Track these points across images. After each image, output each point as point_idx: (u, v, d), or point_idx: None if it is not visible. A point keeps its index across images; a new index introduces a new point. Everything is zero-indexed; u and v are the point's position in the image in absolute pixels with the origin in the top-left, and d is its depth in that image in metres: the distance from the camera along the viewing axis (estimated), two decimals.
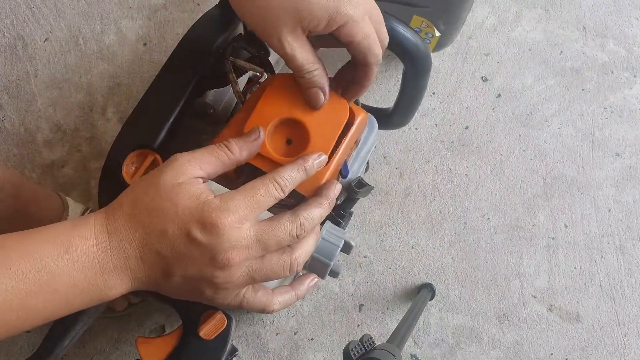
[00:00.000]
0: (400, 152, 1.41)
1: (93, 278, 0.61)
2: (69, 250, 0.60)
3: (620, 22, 1.54)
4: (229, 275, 0.64)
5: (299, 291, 0.74)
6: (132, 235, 0.62)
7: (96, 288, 0.61)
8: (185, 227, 0.62)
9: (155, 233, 0.62)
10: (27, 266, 0.58)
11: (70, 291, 0.60)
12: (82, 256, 0.60)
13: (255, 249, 0.64)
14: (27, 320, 0.60)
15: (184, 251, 0.62)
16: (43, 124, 1.39)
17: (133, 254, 0.62)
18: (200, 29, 0.89)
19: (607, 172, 1.42)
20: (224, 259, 0.62)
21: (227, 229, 0.61)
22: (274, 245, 0.65)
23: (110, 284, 0.62)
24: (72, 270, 0.60)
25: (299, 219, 0.67)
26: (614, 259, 1.36)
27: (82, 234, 0.62)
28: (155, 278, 0.64)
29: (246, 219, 0.63)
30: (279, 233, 0.65)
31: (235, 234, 0.62)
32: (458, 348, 1.30)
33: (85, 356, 1.26)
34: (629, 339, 1.32)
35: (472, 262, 1.35)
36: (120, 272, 0.62)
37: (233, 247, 0.62)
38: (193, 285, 0.65)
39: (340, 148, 0.79)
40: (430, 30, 1.24)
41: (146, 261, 0.62)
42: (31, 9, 1.47)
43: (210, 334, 0.85)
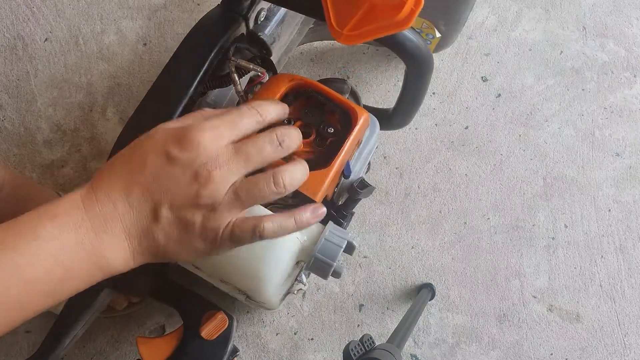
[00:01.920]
0: (400, 152, 1.41)
1: (86, 237, 0.60)
2: (56, 214, 0.60)
3: (620, 22, 1.54)
4: (213, 191, 0.63)
5: (299, 217, 0.71)
6: (116, 180, 0.62)
7: (92, 249, 0.60)
8: (163, 149, 0.62)
9: (137, 168, 0.62)
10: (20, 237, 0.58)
11: (67, 256, 0.59)
12: (70, 217, 0.60)
13: (236, 162, 0.64)
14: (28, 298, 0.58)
15: (166, 175, 0.62)
16: (43, 124, 1.39)
17: (120, 198, 0.62)
18: (203, 29, 0.90)
19: (607, 172, 1.42)
20: (204, 172, 0.62)
21: (204, 143, 0.62)
22: (256, 154, 0.65)
23: (105, 241, 0.61)
24: (64, 233, 0.59)
25: (277, 129, 0.68)
26: (614, 259, 1.36)
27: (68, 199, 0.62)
28: (146, 222, 0.63)
29: (223, 136, 0.64)
30: (258, 141, 0.66)
31: (214, 146, 0.62)
32: (458, 348, 1.30)
33: (85, 356, 1.26)
34: (629, 339, 1.32)
35: (472, 262, 1.35)
36: (112, 225, 0.61)
37: (212, 159, 0.62)
38: (183, 216, 0.63)
39: (343, 148, 0.79)
40: (431, 31, 1.25)
41: (132, 199, 0.62)
42: (31, 9, 1.47)
43: (212, 334, 0.85)
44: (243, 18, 0.92)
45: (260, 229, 0.66)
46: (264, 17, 0.98)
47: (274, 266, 0.81)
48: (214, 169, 0.62)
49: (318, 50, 1.46)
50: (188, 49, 0.87)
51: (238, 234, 0.66)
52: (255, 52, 0.92)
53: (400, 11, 0.69)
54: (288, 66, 1.43)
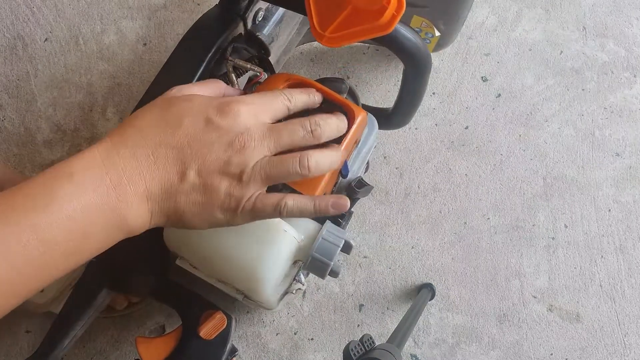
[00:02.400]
0: (400, 152, 1.41)
1: (106, 197, 0.59)
2: (73, 173, 0.59)
3: (620, 22, 1.54)
4: (243, 161, 0.65)
5: (319, 201, 0.72)
6: (143, 138, 0.62)
7: (112, 208, 0.60)
8: (203, 114, 0.64)
9: (170, 127, 0.63)
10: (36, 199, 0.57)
11: (85, 216, 0.58)
12: (88, 175, 0.59)
13: (268, 139, 0.66)
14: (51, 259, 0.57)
15: (201, 137, 0.63)
16: (43, 124, 1.39)
17: (147, 157, 0.62)
18: (201, 28, 0.90)
19: (607, 172, 1.42)
20: (240, 140, 0.64)
21: (243, 114, 0.65)
22: (287, 136, 0.68)
23: (126, 201, 0.60)
24: (82, 192, 0.58)
25: (314, 118, 0.71)
26: (614, 259, 1.36)
27: (85, 156, 0.61)
28: (170, 183, 0.63)
29: (260, 113, 0.67)
30: (289, 125, 0.69)
31: (251, 120, 0.66)
32: (458, 348, 1.30)
33: (85, 356, 1.26)
34: (629, 339, 1.32)
35: (472, 262, 1.35)
36: (134, 184, 0.61)
37: (248, 130, 0.65)
38: (208, 185, 0.64)
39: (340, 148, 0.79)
40: (430, 30, 1.25)
41: (159, 160, 0.62)
42: (31, 9, 1.47)
43: (210, 334, 0.85)
44: (241, 18, 0.92)
45: (282, 205, 0.69)
46: (262, 17, 0.98)
47: (271, 265, 0.81)
48: (248, 140, 0.64)
49: (318, 50, 1.46)
50: (186, 48, 0.87)
51: (260, 208, 0.68)
52: (253, 52, 0.92)
53: (382, 15, 0.70)
54: (288, 66, 1.43)
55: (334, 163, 0.74)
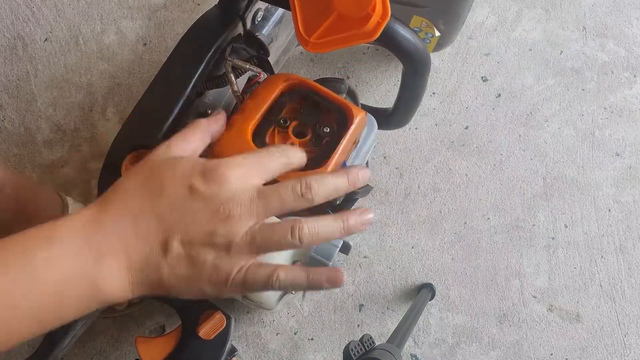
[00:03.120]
0: (400, 152, 1.41)
1: (84, 265, 0.56)
2: (54, 236, 0.56)
3: (620, 22, 1.54)
4: (230, 231, 0.59)
5: (312, 275, 0.66)
6: (126, 205, 0.59)
7: (89, 279, 0.56)
8: (187, 180, 0.59)
9: (151, 197, 0.59)
10: (11, 261, 0.54)
11: (61, 283, 0.55)
12: (69, 241, 0.56)
13: (256, 204, 0.61)
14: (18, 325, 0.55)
15: (184, 206, 0.59)
16: (43, 124, 1.40)
17: (128, 225, 0.58)
18: (200, 29, 0.90)
19: (607, 172, 1.42)
20: (225, 209, 0.59)
21: (230, 179, 0.59)
22: (277, 202, 0.62)
23: (105, 270, 0.57)
24: (61, 258, 0.55)
25: (306, 179, 0.64)
26: (614, 259, 1.36)
27: (68, 220, 0.58)
28: (153, 255, 0.59)
29: (250, 176, 0.61)
30: (281, 189, 0.62)
31: (237, 184, 0.60)
32: (458, 348, 1.30)
33: (85, 356, 1.26)
34: (629, 339, 1.32)
35: (472, 262, 1.35)
36: (114, 253, 0.57)
37: (234, 197, 0.59)
38: (194, 257, 0.60)
39: (339, 148, 0.79)
40: (430, 30, 1.25)
41: (141, 229, 0.58)
42: (31, 9, 1.48)
43: (210, 334, 0.85)
44: (240, 18, 0.92)
45: (273, 278, 0.63)
46: (261, 17, 0.98)
47: None
48: (234, 207, 0.59)
49: None
50: (185, 49, 0.87)
51: (251, 280, 0.62)
52: (252, 52, 0.92)
53: (367, 22, 0.70)
54: (288, 66, 1.43)
55: (334, 233, 0.68)
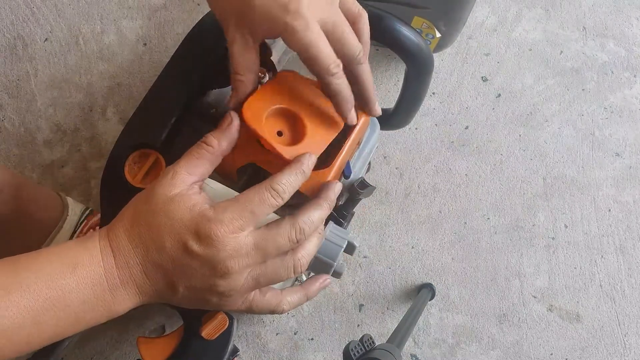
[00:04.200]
0: (400, 152, 1.41)
1: (101, 294, 0.62)
2: (77, 268, 0.61)
3: (620, 22, 1.54)
4: (231, 283, 0.64)
5: (309, 292, 0.75)
6: (133, 251, 0.63)
7: (105, 304, 0.62)
8: (182, 239, 0.62)
9: (154, 247, 0.63)
10: (38, 284, 0.59)
11: (80, 307, 0.61)
12: (89, 273, 0.61)
13: (254, 256, 0.64)
14: (38, 337, 0.60)
15: (184, 263, 0.62)
16: (43, 124, 1.39)
17: (137, 269, 0.63)
18: (203, 28, 0.89)
19: (607, 172, 1.42)
20: (223, 268, 0.62)
21: (222, 240, 0.62)
22: (274, 251, 0.65)
23: (119, 299, 0.63)
24: (82, 287, 0.61)
25: (298, 224, 0.67)
26: (614, 259, 1.36)
27: (88, 252, 0.63)
28: (162, 291, 0.65)
29: (241, 229, 0.63)
30: (278, 239, 0.65)
31: (232, 243, 0.62)
32: (458, 348, 1.30)
33: (85, 356, 1.26)
34: (629, 339, 1.32)
35: (472, 262, 1.35)
36: (127, 287, 0.63)
37: (231, 256, 0.62)
38: (199, 295, 0.66)
39: (343, 149, 0.79)
40: (431, 32, 1.25)
41: (150, 275, 0.63)
42: (31, 9, 1.47)
43: (212, 334, 0.85)
44: None
45: (279, 310, 0.71)
46: None
47: None
48: (231, 266, 0.63)
49: None
50: (188, 48, 0.87)
51: (256, 310, 0.70)
52: None
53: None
54: (289, 66, 1.43)
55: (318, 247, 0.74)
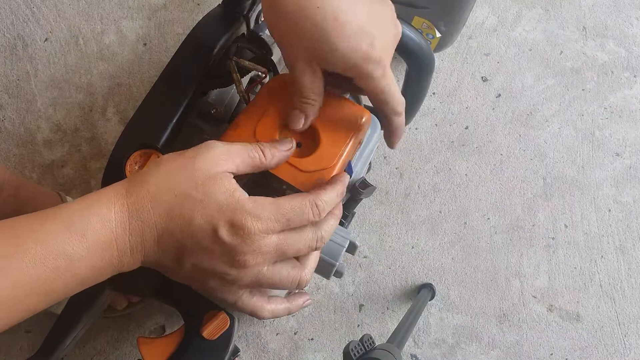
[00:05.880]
0: (400, 152, 1.41)
1: (109, 259, 0.60)
2: (86, 235, 0.59)
3: (620, 22, 1.54)
4: (240, 275, 0.63)
5: (292, 306, 0.74)
6: (154, 218, 0.61)
7: (112, 267, 0.61)
8: (213, 222, 0.61)
9: (180, 220, 0.61)
10: (45, 253, 0.57)
11: (88, 273, 0.60)
12: (100, 239, 0.59)
13: (272, 256, 0.64)
14: (46, 301, 0.59)
15: (206, 245, 0.61)
16: (43, 124, 1.39)
17: (151, 237, 0.62)
18: (204, 28, 0.89)
19: (607, 172, 1.42)
20: (242, 260, 0.62)
21: (253, 236, 0.61)
22: (292, 254, 0.65)
23: (125, 262, 0.62)
24: (91, 255, 0.59)
25: (321, 232, 0.67)
26: (614, 259, 1.36)
27: (99, 215, 0.60)
28: (166, 262, 0.63)
29: (273, 231, 0.62)
30: (300, 246, 0.65)
31: (259, 241, 0.61)
32: (458, 348, 1.30)
33: (85, 356, 1.26)
34: (629, 339, 1.32)
35: (472, 262, 1.35)
36: (135, 252, 0.62)
37: (253, 251, 0.62)
38: (200, 276, 0.65)
39: (345, 149, 0.79)
40: (431, 32, 1.25)
41: (163, 246, 0.62)
42: (31, 9, 1.47)
43: (213, 334, 0.85)
44: (244, 18, 0.92)
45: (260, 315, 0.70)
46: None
47: None
48: (250, 260, 0.62)
49: None
50: (189, 48, 0.87)
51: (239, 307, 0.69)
52: (256, 51, 0.92)
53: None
54: None
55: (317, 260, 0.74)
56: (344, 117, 0.77)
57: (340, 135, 0.76)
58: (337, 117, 0.76)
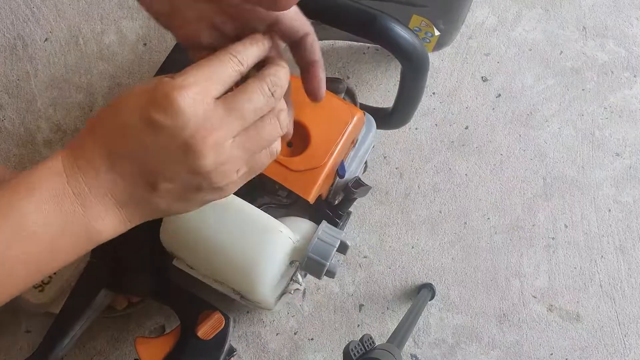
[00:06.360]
0: (400, 152, 1.41)
1: (70, 208, 0.54)
2: (34, 184, 0.53)
3: (620, 22, 1.54)
4: (215, 159, 0.55)
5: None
6: (96, 144, 0.55)
7: (79, 221, 0.54)
8: (143, 112, 0.53)
9: (117, 133, 0.55)
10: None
11: (49, 231, 0.53)
12: (50, 187, 0.53)
13: (230, 123, 0.56)
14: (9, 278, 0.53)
15: (152, 145, 0.54)
16: (43, 124, 1.40)
17: (104, 167, 0.55)
18: None
19: (607, 172, 1.41)
20: (198, 141, 0.54)
21: (187, 104, 0.53)
22: (252, 114, 0.57)
23: (93, 212, 0.55)
24: (44, 205, 0.53)
25: (269, 77, 0.59)
26: (614, 259, 1.36)
27: (47, 165, 0.55)
28: (142, 194, 0.56)
29: (207, 92, 0.55)
30: (252, 96, 0.57)
31: (199, 108, 0.53)
32: (458, 348, 1.30)
33: (85, 356, 1.26)
34: (629, 339, 1.32)
35: (472, 262, 1.35)
36: (99, 194, 0.55)
37: (202, 125, 0.54)
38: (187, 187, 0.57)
39: (336, 148, 0.79)
40: (429, 30, 1.24)
41: (120, 172, 0.55)
42: (31, 9, 1.48)
43: (208, 334, 0.85)
44: None
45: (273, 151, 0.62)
46: None
47: (267, 266, 0.82)
48: (208, 135, 0.54)
49: None
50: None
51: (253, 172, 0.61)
52: None
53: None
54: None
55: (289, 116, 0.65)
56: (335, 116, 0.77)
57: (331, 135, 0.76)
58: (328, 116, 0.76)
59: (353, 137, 0.85)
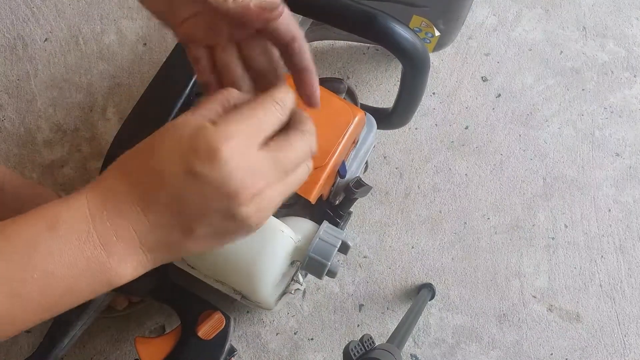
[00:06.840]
0: (400, 152, 1.41)
1: (93, 253, 0.51)
2: (57, 224, 0.51)
3: (620, 22, 1.54)
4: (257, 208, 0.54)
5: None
6: (127, 189, 0.53)
7: (100, 266, 0.52)
8: (183, 161, 0.51)
9: (153, 179, 0.53)
10: (13, 248, 0.50)
11: (68, 273, 0.51)
12: (74, 229, 0.51)
13: (277, 175, 0.55)
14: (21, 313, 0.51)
15: (193, 193, 0.52)
16: (43, 124, 1.40)
17: (135, 213, 0.53)
18: None
19: (607, 172, 1.41)
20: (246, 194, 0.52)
21: (233, 156, 0.51)
22: (294, 164, 0.56)
23: (117, 258, 0.52)
24: (66, 247, 0.51)
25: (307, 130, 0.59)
26: (614, 259, 1.36)
27: (71, 205, 0.52)
28: (175, 240, 0.54)
29: (251, 143, 0.53)
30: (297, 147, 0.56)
31: (244, 160, 0.52)
32: (458, 348, 1.30)
33: (85, 356, 1.26)
34: (629, 339, 1.32)
35: (472, 262, 1.35)
36: (124, 238, 0.53)
37: (251, 177, 0.52)
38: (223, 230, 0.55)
39: (337, 148, 0.79)
40: (430, 30, 1.24)
41: (154, 219, 0.53)
42: (31, 9, 1.48)
43: (209, 334, 0.85)
44: None
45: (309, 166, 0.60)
46: None
47: (268, 266, 0.81)
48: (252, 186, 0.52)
49: (318, 50, 1.46)
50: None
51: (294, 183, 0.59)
52: None
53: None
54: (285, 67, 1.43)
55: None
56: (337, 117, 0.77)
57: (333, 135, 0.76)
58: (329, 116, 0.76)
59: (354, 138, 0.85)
